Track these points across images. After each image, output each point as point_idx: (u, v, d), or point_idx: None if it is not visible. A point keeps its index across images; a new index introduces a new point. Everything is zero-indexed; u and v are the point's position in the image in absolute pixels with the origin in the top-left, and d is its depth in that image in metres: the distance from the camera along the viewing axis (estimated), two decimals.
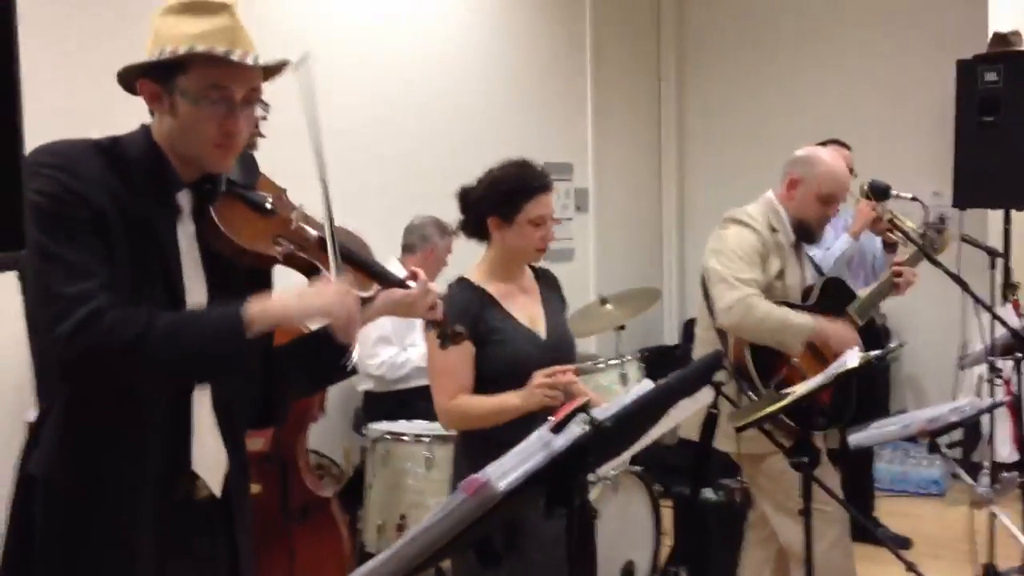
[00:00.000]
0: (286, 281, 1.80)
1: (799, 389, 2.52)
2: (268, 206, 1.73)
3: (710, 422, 3.09)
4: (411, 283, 1.82)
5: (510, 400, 2.41)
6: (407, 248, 4.29)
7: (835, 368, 2.52)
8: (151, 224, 1.65)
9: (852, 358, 2.50)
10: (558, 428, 1.58)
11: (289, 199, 1.78)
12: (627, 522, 3.54)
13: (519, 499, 1.52)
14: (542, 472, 1.53)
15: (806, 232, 3.14)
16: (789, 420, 2.67)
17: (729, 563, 3.46)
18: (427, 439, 3.63)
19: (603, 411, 1.64)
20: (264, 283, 1.83)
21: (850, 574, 3.06)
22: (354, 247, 1.81)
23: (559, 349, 2.57)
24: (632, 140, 6.72)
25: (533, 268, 2.66)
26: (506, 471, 1.48)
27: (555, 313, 2.63)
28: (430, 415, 3.97)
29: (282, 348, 1.89)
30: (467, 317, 2.42)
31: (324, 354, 1.82)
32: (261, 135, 2.08)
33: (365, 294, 1.76)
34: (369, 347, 4.13)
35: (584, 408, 1.60)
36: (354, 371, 1.89)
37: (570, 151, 5.91)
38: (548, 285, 2.67)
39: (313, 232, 1.77)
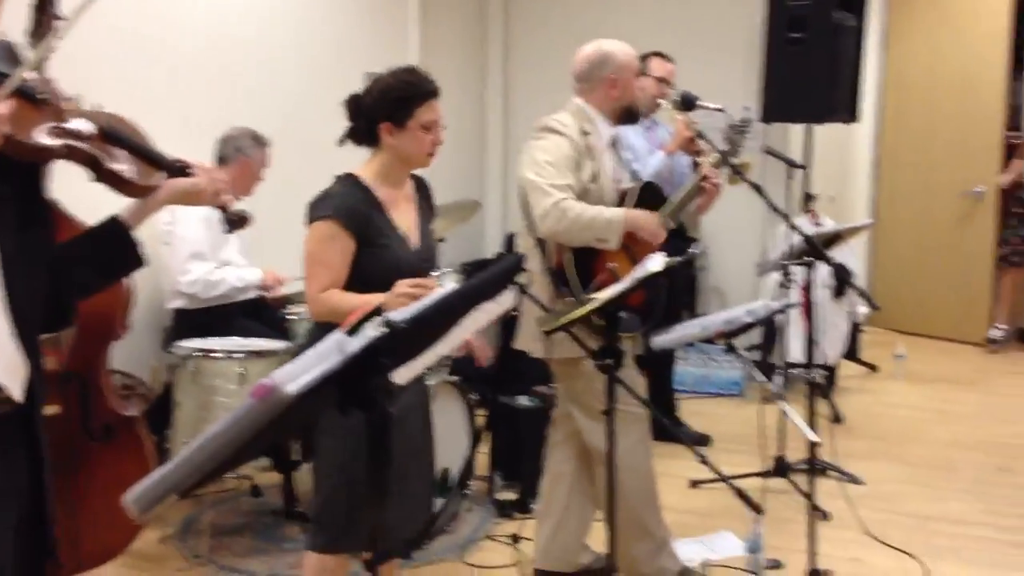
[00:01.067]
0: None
1: (605, 293, 2.60)
2: (41, 96, 1.61)
3: (510, 325, 3.15)
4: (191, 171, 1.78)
5: (374, 302, 2.40)
6: (221, 160, 4.15)
7: (639, 272, 2.60)
8: None
9: (655, 262, 2.58)
10: (353, 330, 1.56)
11: (60, 88, 1.67)
12: (442, 431, 3.57)
13: (312, 404, 1.50)
14: (336, 375, 1.51)
15: (631, 115, 3.30)
16: (598, 323, 2.74)
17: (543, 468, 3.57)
18: (240, 355, 3.55)
19: (400, 313, 1.62)
20: (39, 181, 1.73)
21: (648, 471, 3.21)
22: (131, 134, 1.73)
23: (426, 259, 2.64)
24: (458, 52, 6.64)
25: (413, 177, 2.69)
26: (297, 374, 1.45)
27: (426, 223, 2.69)
28: (246, 332, 3.91)
29: (66, 243, 1.81)
30: (356, 215, 2.46)
31: (109, 244, 1.76)
32: (58, 26, 1.94)
33: (149, 182, 1.73)
34: (181, 262, 3.98)
35: (379, 311, 1.58)
36: (142, 262, 1.84)
37: (394, 62, 5.76)
38: (424, 195, 2.72)
39: (91, 124, 1.68)
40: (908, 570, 3.48)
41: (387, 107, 2.51)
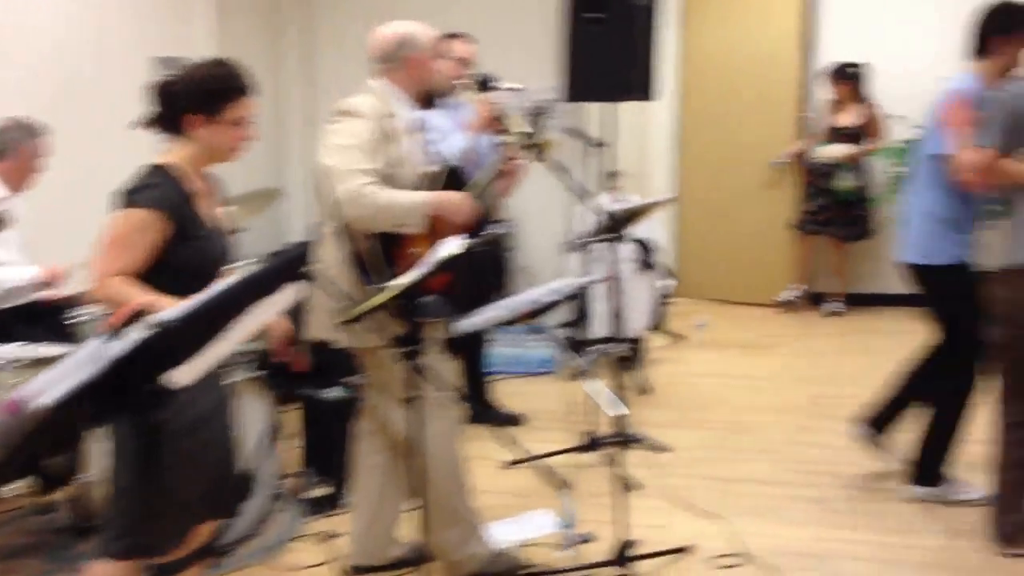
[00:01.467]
0: None
1: (403, 279, 2.54)
2: None
3: (296, 316, 3.07)
4: None
5: (159, 304, 2.27)
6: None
7: (436, 256, 2.55)
8: None
9: (451, 245, 2.55)
10: (115, 333, 1.43)
11: None
12: (247, 430, 3.43)
13: (72, 415, 1.37)
14: (99, 382, 1.39)
15: (432, 96, 3.30)
16: (399, 310, 2.68)
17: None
18: (19, 364, 3.28)
19: (170, 312, 1.51)
20: None
21: (456, 457, 3.17)
22: None
23: (226, 253, 2.58)
24: (254, 30, 6.40)
25: None
26: (53, 384, 1.32)
27: (221, 216, 2.63)
28: (26, 339, 3.61)
29: None
30: (176, 208, 2.38)
31: None
32: None
33: None
34: None
35: (143, 312, 1.47)
36: None
37: (185, 41, 5.51)
38: (218, 188, 2.65)
39: None
40: (714, 532, 3.61)
41: (198, 99, 2.44)
